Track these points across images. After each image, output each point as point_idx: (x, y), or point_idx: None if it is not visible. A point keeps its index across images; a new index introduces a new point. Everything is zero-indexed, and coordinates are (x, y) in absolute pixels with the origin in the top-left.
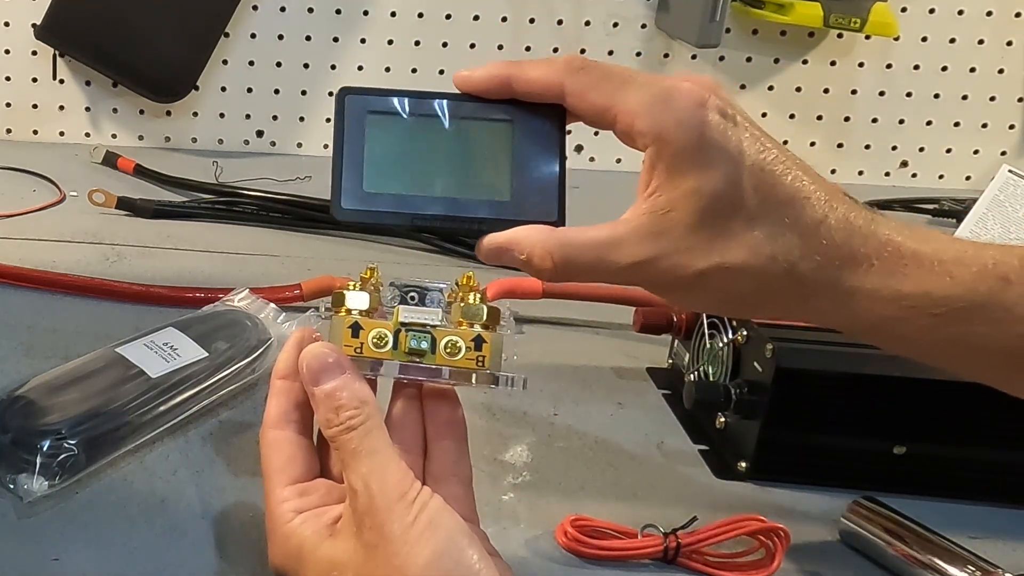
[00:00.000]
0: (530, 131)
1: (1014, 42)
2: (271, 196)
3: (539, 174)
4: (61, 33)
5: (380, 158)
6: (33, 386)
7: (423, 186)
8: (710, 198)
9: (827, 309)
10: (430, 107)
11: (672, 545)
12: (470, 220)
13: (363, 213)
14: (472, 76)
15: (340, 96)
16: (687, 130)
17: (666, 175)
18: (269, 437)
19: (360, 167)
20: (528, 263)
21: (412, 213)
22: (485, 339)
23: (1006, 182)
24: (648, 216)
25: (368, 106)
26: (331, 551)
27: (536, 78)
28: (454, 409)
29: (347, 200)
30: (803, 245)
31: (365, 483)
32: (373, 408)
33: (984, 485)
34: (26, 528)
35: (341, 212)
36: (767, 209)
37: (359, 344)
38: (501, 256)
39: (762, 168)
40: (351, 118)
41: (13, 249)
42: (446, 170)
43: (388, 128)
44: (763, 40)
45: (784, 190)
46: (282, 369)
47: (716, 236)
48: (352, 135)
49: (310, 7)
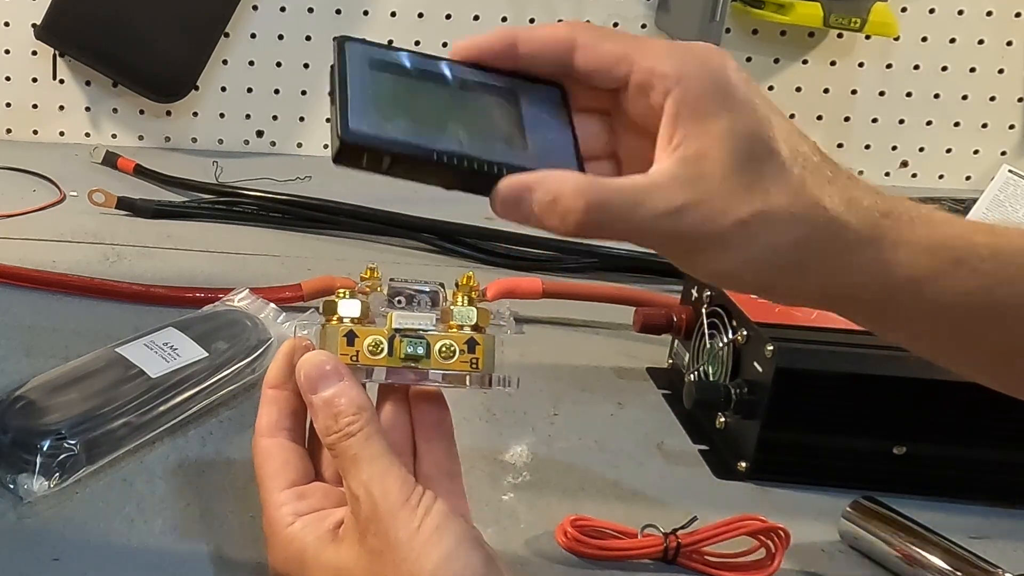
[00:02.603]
0: (536, 101)
1: (1014, 42)
2: (271, 196)
3: (553, 133)
4: (61, 33)
5: (387, 98)
6: (33, 386)
7: (435, 128)
8: (744, 139)
9: (869, 267)
10: (433, 65)
11: (672, 545)
12: (489, 162)
13: (374, 140)
14: (474, 40)
15: (338, 42)
16: (713, 70)
17: (692, 120)
18: (262, 444)
19: (366, 100)
20: (555, 204)
21: (430, 147)
22: (478, 341)
23: (1006, 182)
24: (680, 163)
25: (370, 55)
26: (335, 557)
27: (544, 34)
28: (441, 409)
29: (356, 120)
30: (840, 193)
31: (367, 489)
32: (371, 414)
33: (984, 485)
34: (26, 528)
35: (350, 134)
36: (799, 158)
37: (355, 352)
38: (521, 201)
39: (784, 120)
40: (352, 63)
41: (13, 249)
42: (457, 119)
43: (392, 77)
44: (763, 40)
45: (808, 145)
46: (273, 379)
47: (755, 180)
48: (354, 76)
49: (310, 7)
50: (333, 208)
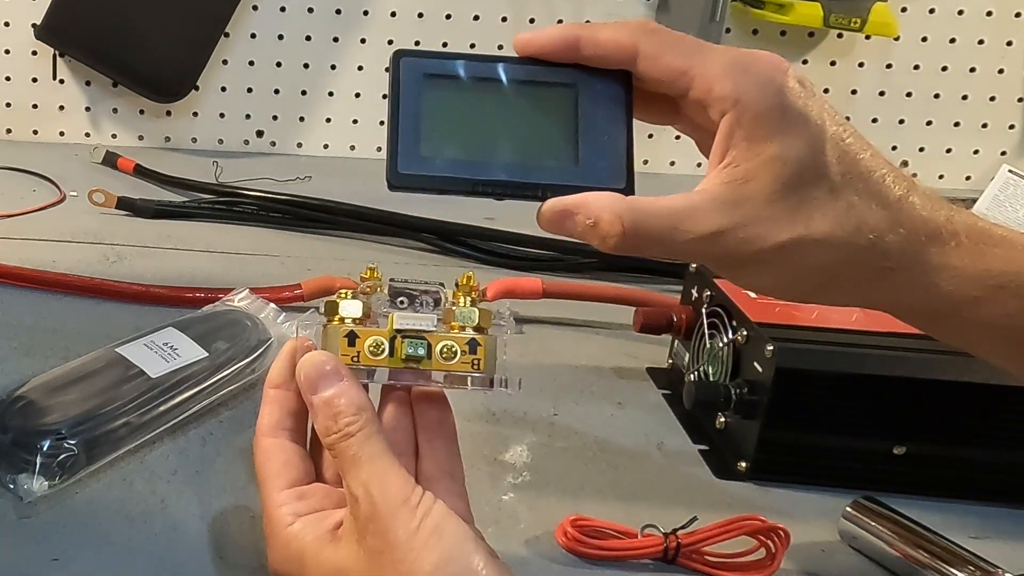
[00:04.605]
0: (596, 97)
1: (1014, 42)
2: (271, 196)
3: (606, 141)
4: (61, 33)
5: (438, 122)
6: (33, 386)
7: (484, 151)
8: (794, 165)
9: (909, 287)
10: (490, 70)
11: (672, 545)
12: (533, 186)
13: (421, 179)
14: (537, 37)
15: (395, 59)
16: (769, 94)
17: (745, 142)
18: (264, 444)
19: (417, 131)
20: (595, 228)
21: (472, 179)
22: (479, 342)
23: (1006, 182)
24: (726, 186)
25: (424, 69)
26: (334, 557)
27: (607, 39)
28: (443, 409)
29: (404, 164)
30: (888, 217)
31: (366, 489)
32: (371, 415)
33: (984, 485)
34: (26, 528)
35: (398, 177)
36: (850, 180)
37: (356, 352)
38: (564, 221)
39: (842, 138)
40: (407, 81)
41: (13, 249)
42: (508, 134)
43: (446, 91)
44: (763, 40)
45: (865, 163)
46: (275, 378)
47: (799, 206)
48: (408, 98)
49: (310, 7)
50: (333, 208)
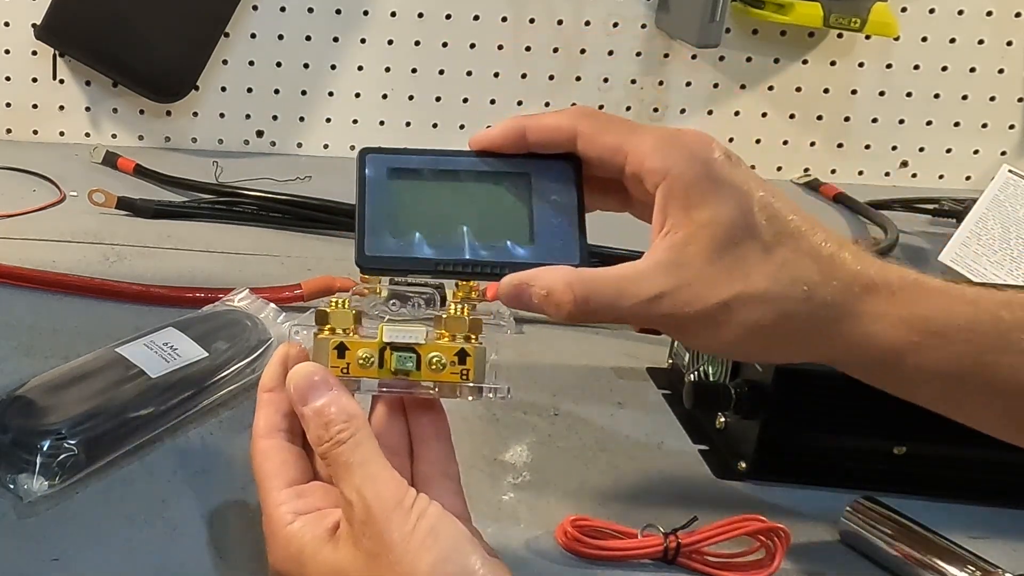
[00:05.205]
0: (548, 181)
1: (1014, 42)
2: (271, 196)
3: (559, 221)
4: (61, 33)
5: (402, 211)
6: (33, 386)
7: (445, 236)
8: (727, 227)
9: (851, 338)
10: (449, 163)
11: (672, 545)
12: (493, 264)
13: (387, 260)
14: (488, 135)
15: (360, 156)
16: (696, 165)
17: (680, 210)
18: (260, 446)
19: (383, 218)
20: (548, 297)
21: (435, 260)
22: (468, 352)
23: (1006, 182)
24: (666, 251)
25: (388, 164)
26: (332, 558)
27: (549, 124)
28: (437, 410)
29: (371, 248)
30: (821, 270)
31: (360, 493)
32: (361, 421)
33: (984, 485)
34: (26, 528)
35: (365, 259)
36: (782, 239)
37: (345, 364)
38: (521, 294)
39: (770, 203)
40: (372, 177)
41: (13, 249)
42: (467, 221)
43: (409, 184)
44: (763, 40)
45: (795, 223)
46: (268, 383)
47: (736, 264)
48: (373, 191)
49: (310, 7)
50: (333, 208)
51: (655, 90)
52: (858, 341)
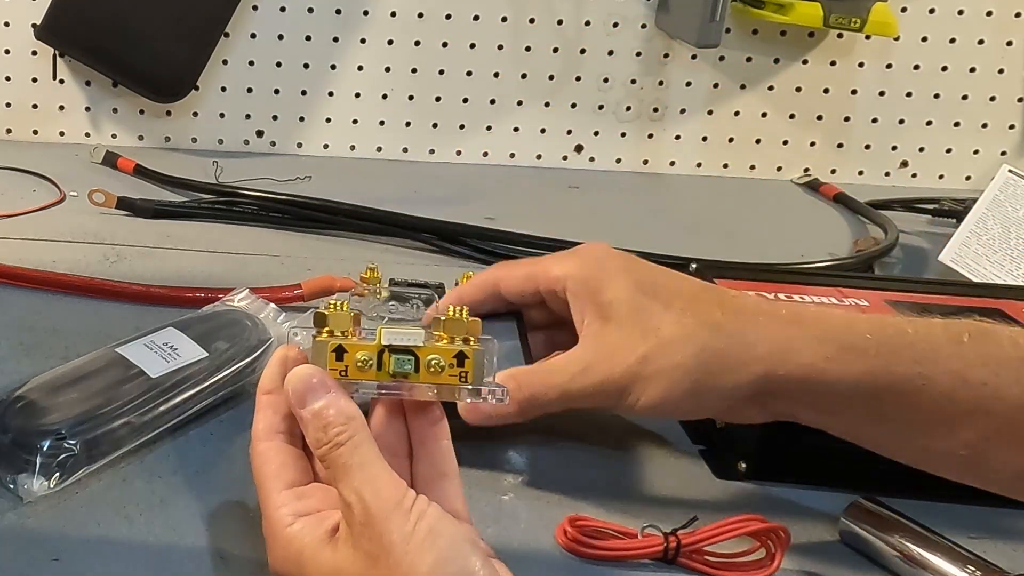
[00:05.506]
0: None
1: (1014, 42)
2: (271, 196)
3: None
4: (61, 33)
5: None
6: (33, 386)
7: None
8: (628, 299)
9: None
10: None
11: (672, 545)
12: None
13: None
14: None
15: None
16: (592, 261)
17: (587, 300)
18: (260, 448)
19: None
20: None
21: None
22: (467, 354)
23: (1006, 182)
24: (585, 336)
25: None
26: (332, 559)
27: (475, 283)
28: (436, 411)
29: None
30: (722, 309)
31: (358, 495)
32: (360, 423)
33: None
34: (26, 528)
35: None
36: (676, 297)
37: (343, 367)
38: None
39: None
40: None
41: (13, 249)
42: None
43: None
44: (763, 40)
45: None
46: (267, 385)
47: (645, 324)
48: None
49: (310, 7)
50: (333, 208)
51: (655, 90)
52: (778, 362)
